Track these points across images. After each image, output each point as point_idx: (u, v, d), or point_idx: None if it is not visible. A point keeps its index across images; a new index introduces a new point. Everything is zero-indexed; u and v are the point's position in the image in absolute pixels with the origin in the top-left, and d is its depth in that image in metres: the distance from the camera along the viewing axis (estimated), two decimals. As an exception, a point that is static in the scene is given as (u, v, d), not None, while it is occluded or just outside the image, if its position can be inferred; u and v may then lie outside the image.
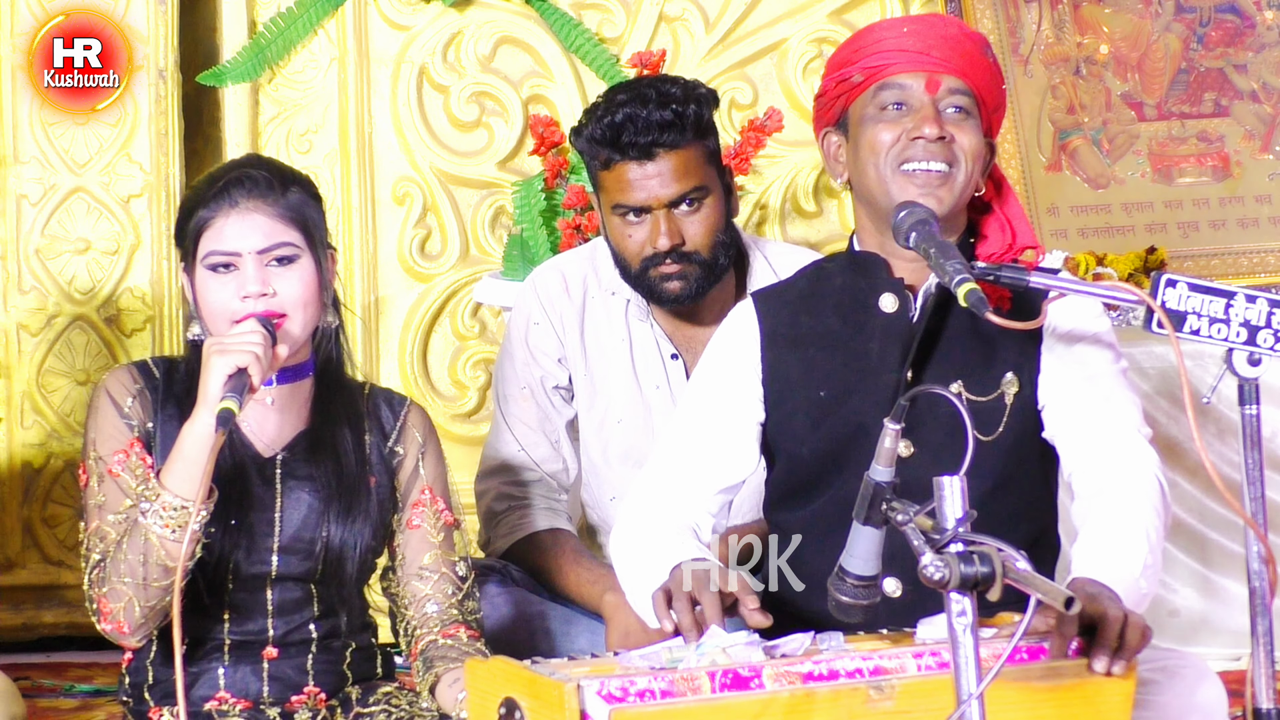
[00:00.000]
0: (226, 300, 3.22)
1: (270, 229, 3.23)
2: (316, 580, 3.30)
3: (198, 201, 3.27)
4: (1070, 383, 3.17)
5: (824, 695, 2.64)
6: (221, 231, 3.22)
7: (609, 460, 3.99)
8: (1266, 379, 3.02)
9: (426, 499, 3.37)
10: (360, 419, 3.35)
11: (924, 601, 2.88)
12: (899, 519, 2.62)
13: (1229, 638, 4.67)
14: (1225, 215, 5.21)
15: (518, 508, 3.96)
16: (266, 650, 3.30)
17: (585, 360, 3.98)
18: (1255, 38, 5.33)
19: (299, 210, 3.27)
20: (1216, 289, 3.00)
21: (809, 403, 3.24)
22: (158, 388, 3.30)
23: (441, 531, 3.37)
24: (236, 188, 3.24)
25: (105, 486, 3.24)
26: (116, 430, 3.27)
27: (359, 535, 3.29)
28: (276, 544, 3.27)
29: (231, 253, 3.21)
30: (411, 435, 3.38)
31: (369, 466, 3.33)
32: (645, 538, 3.19)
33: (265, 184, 3.26)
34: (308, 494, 3.29)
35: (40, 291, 5.06)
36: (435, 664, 3.27)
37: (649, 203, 3.78)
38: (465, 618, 3.34)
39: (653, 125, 3.78)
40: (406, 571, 3.35)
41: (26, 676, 4.73)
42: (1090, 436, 3.15)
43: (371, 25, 5.22)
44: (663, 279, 3.81)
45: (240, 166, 3.31)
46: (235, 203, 3.23)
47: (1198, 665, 3.13)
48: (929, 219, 3.09)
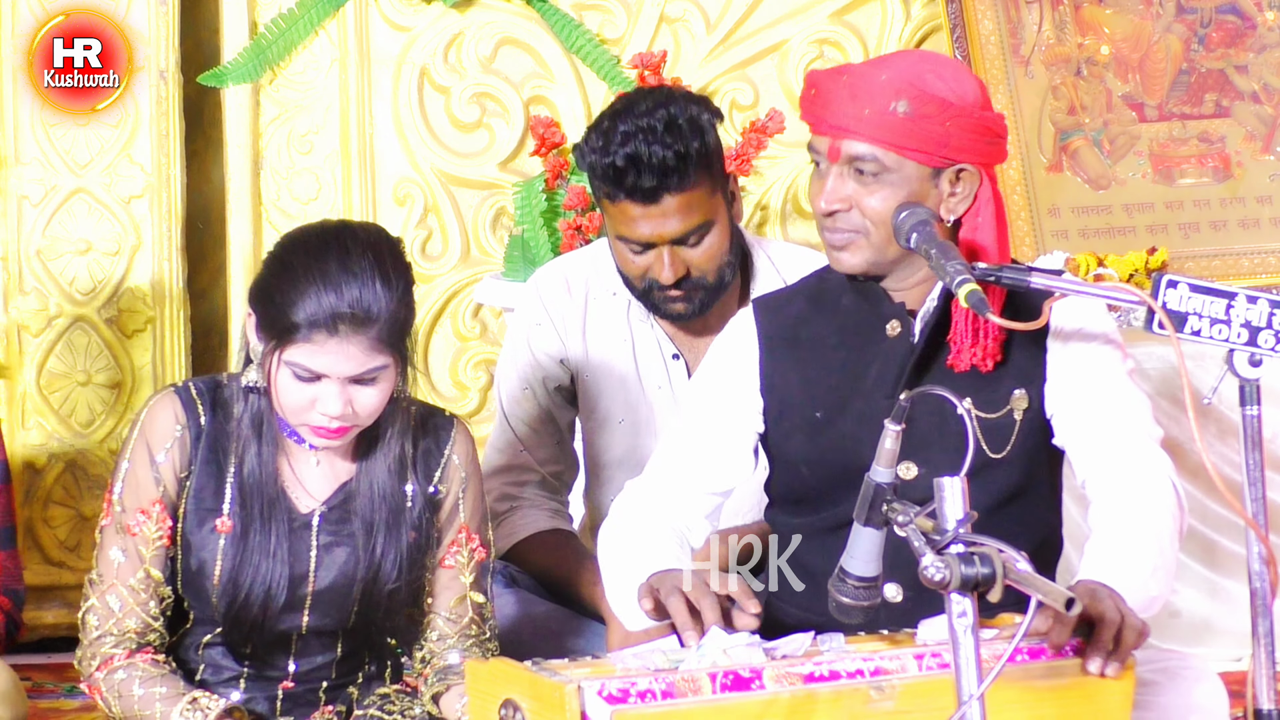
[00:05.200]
0: (302, 404, 3.15)
1: (365, 358, 3.12)
2: (345, 632, 3.31)
3: (292, 301, 3.10)
4: (1078, 388, 3.16)
5: (825, 696, 2.64)
6: (315, 355, 3.11)
7: (612, 461, 3.99)
8: (1267, 380, 3.02)
9: (462, 539, 3.34)
10: (404, 467, 3.28)
11: (924, 606, 2.88)
12: (899, 520, 2.62)
13: (1230, 639, 4.67)
14: (1226, 216, 5.21)
15: (519, 508, 3.96)
16: (284, 683, 3.32)
17: (587, 361, 3.98)
18: (1256, 39, 5.33)
19: (399, 332, 3.15)
20: (1217, 290, 3.00)
21: (806, 422, 3.23)
22: (200, 429, 3.24)
23: (474, 571, 3.35)
24: (340, 318, 3.09)
25: (124, 542, 3.24)
26: (145, 484, 3.23)
27: (390, 594, 3.27)
28: (309, 602, 3.26)
29: (320, 374, 3.12)
30: (455, 474, 3.33)
31: (405, 520, 3.28)
32: (632, 540, 3.18)
33: (372, 307, 3.10)
34: (343, 548, 3.26)
35: (41, 292, 5.05)
36: (448, 676, 3.29)
37: (653, 239, 3.75)
38: (481, 643, 3.36)
39: (656, 168, 3.68)
40: (433, 608, 3.34)
41: (28, 677, 4.73)
42: (1102, 443, 3.14)
43: (372, 26, 5.22)
44: (667, 300, 3.80)
45: (348, 277, 3.10)
46: (334, 330, 3.10)
47: (1198, 666, 3.13)
48: (929, 219, 3.09)
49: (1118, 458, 3.12)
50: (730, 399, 3.27)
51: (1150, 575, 2.99)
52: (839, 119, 3.12)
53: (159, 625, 3.26)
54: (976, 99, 3.15)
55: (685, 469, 3.26)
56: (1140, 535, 3.03)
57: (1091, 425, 3.15)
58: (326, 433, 3.16)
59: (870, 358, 3.20)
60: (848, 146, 3.12)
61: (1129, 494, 3.09)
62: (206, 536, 3.23)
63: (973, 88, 3.16)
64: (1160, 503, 3.08)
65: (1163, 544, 3.04)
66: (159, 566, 3.24)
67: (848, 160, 3.12)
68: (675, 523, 3.22)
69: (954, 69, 3.19)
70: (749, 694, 2.62)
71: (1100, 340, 3.19)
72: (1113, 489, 3.10)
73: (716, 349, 3.34)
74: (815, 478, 3.22)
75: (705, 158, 3.73)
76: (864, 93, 3.10)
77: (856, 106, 3.10)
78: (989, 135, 3.15)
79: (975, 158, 3.14)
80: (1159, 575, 3.01)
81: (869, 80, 3.12)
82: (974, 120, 3.13)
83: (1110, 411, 3.15)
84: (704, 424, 3.28)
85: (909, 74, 3.12)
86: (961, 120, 3.11)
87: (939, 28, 5.26)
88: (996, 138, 3.17)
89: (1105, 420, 3.14)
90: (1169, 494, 3.10)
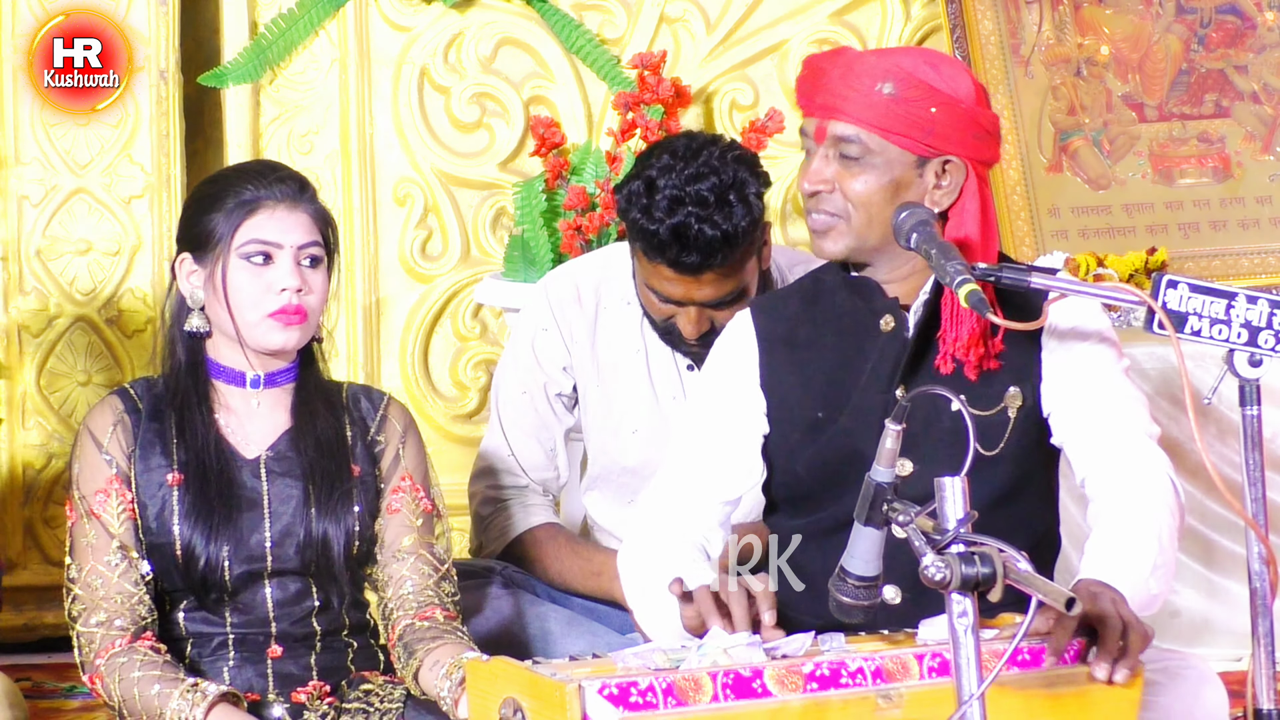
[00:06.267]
0: (260, 292, 3.31)
1: (309, 227, 3.35)
2: (312, 573, 3.35)
3: (231, 194, 3.34)
4: (1075, 387, 3.16)
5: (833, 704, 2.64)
6: (266, 223, 3.32)
7: (623, 470, 3.97)
8: (1267, 380, 3.02)
9: (406, 485, 3.42)
10: (340, 412, 3.41)
11: (922, 608, 2.88)
12: (900, 520, 2.62)
13: (1230, 638, 4.67)
14: (1226, 216, 5.21)
15: (503, 510, 3.96)
16: (271, 649, 3.34)
17: (598, 371, 3.96)
18: (1256, 39, 5.33)
19: (324, 218, 3.40)
20: (1217, 290, 3.00)
21: (805, 421, 3.23)
22: (139, 409, 3.37)
23: (420, 517, 3.41)
24: (281, 185, 3.35)
25: (91, 525, 3.32)
26: (96, 468, 3.35)
27: (343, 521, 3.34)
28: (269, 538, 3.33)
29: (274, 243, 3.32)
30: (392, 426, 3.44)
31: (352, 455, 3.39)
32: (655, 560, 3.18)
33: (299, 186, 3.37)
34: (295, 488, 3.35)
35: (41, 292, 5.05)
36: (415, 649, 3.31)
37: (684, 300, 3.72)
38: (442, 600, 3.38)
39: (702, 248, 3.61)
40: (385, 554, 3.40)
41: (28, 677, 4.73)
42: (1100, 441, 3.14)
43: (373, 26, 5.22)
44: (685, 345, 3.79)
45: (274, 167, 3.42)
46: (280, 198, 3.33)
47: (1198, 667, 3.13)
48: (929, 219, 3.09)
49: (1116, 456, 3.12)
50: (734, 403, 3.27)
51: (1151, 574, 2.99)
52: (827, 99, 3.14)
53: (146, 598, 3.31)
54: (969, 94, 3.15)
55: (697, 480, 3.26)
56: (1140, 534, 3.03)
57: (1089, 423, 3.15)
58: (288, 317, 3.30)
59: (865, 354, 3.20)
60: (833, 127, 3.14)
61: (1128, 492, 3.09)
62: (159, 492, 3.33)
63: (966, 83, 3.16)
64: (1159, 500, 3.08)
65: (1163, 542, 3.04)
66: (130, 542, 3.32)
67: (833, 141, 3.14)
68: (694, 537, 3.23)
69: (950, 64, 3.20)
70: (756, 702, 2.62)
71: (1096, 339, 3.19)
72: (1112, 487, 3.11)
73: (716, 354, 3.34)
74: (813, 478, 3.22)
75: (750, 233, 3.67)
76: (853, 74, 3.12)
77: (844, 87, 3.12)
78: (977, 129, 3.15)
79: (962, 150, 3.14)
80: (1159, 574, 3.01)
81: (860, 63, 3.14)
82: (961, 111, 3.13)
83: (1108, 410, 3.15)
84: (711, 432, 3.28)
85: (902, 60, 3.15)
86: (948, 108, 3.12)
87: (939, 28, 5.26)
88: (986, 134, 3.16)
89: (1103, 418, 3.14)
90: (1168, 491, 3.10)
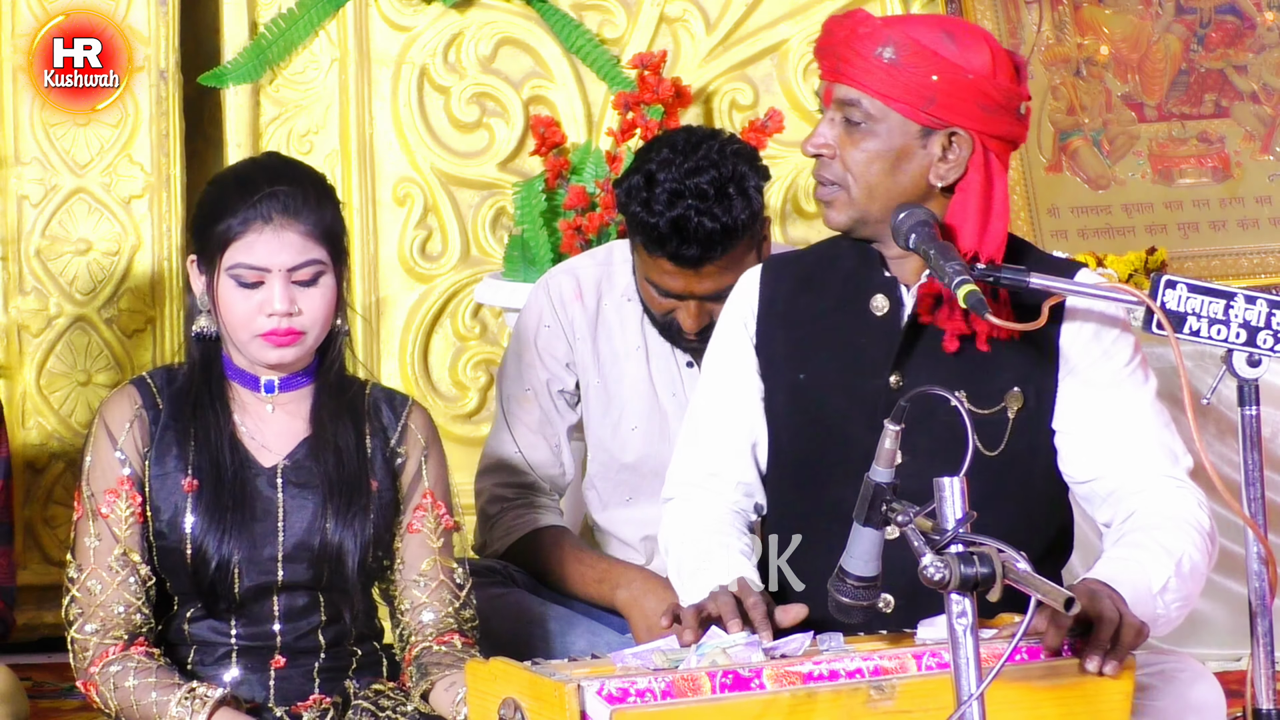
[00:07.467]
0: (250, 314, 3.21)
1: (302, 247, 3.22)
2: (322, 587, 3.30)
3: (226, 208, 3.23)
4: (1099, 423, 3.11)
5: (825, 695, 2.64)
6: (253, 247, 3.21)
7: (621, 467, 3.98)
8: (1266, 379, 3.02)
9: (428, 504, 3.34)
10: (361, 420, 3.33)
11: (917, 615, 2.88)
12: (899, 520, 2.62)
13: (1229, 638, 4.67)
14: (1225, 216, 5.22)
15: (511, 509, 3.95)
16: (275, 659, 3.29)
17: (598, 367, 3.96)
18: (1255, 39, 5.33)
19: (330, 227, 3.26)
20: (1216, 290, 3.01)
21: (790, 384, 3.20)
22: (157, 405, 3.29)
23: (441, 537, 3.34)
24: (270, 202, 3.21)
25: (96, 526, 3.25)
26: (109, 465, 3.27)
27: (358, 535, 3.27)
28: (281, 552, 3.27)
29: (262, 268, 3.20)
30: (414, 438, 3.35)
31: (370, 469, 3.31)
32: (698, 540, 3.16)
33: (300, 200, 3.23)
34: (310, 500, 3.28)
35: (41, 292, 5.05)
36: (430, 671, 3.26)
37: (684, 293, 3.74)
38: (461, 626, 3.33)
39: (701, 240, 3.63)
40: (405, 576, 3.33)
41: (28, 677, 4.73)
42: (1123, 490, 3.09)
43: (372, 26, 5.22)
44: (685, 339, 3.80)
45: (272, 177, 3.26)
46: (269, 218, 3.21)
47: (1195, 667, 3.12)
48: (929, 220, 3.07)
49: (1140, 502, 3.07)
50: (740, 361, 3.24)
51: (1160, 593, 2.95)
52: (834, 62, 3.10)
53: (144, 608, 3.26)
54: (983, 65, 3.05)
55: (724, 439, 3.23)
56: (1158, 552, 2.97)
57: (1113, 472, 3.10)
58: (278, 338, 3.21)
59: (860, 333, 3.16)
60: (838, 90, 3.10)
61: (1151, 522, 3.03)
62: (173, 496, 3.26)
63: (982, 55, 3.05)
64: (1184, 534, 3.02)
65: (1181, 570, 2.98)
66: (135, 546, 3.25)
67: (838, 105, 3.11)
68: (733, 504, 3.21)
69: (970, 34, 3.10)
70: (749, 694, 2.63)
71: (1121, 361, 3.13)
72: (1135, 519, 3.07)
73: (725, 311, 3.31)
74: (795, 451, 3.19)
75: (750, 226, 3.69)
76: (856, 38, 3.08)
77: (848, 50, 3.08)
78: (985, 101, 3.05)
79: (969, 123, 3.06)
80: (1170, 598, 2.97)
81: (865, 26, 3.09)
82: (968, 81, 3.04)
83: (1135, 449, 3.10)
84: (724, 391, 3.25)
85: (911, 27, 3.09)
86: (952, 77, 3.04)
87: (938, 28, 5.26)
88: (997, 107, 3.06)
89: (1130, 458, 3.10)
90: (1194, 530, 3.04)
